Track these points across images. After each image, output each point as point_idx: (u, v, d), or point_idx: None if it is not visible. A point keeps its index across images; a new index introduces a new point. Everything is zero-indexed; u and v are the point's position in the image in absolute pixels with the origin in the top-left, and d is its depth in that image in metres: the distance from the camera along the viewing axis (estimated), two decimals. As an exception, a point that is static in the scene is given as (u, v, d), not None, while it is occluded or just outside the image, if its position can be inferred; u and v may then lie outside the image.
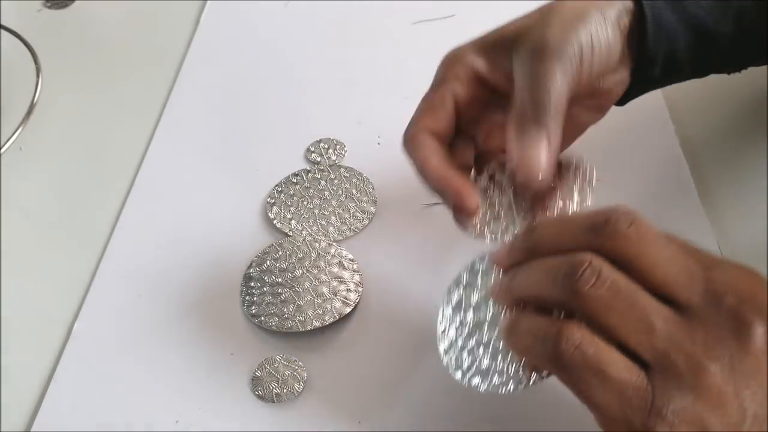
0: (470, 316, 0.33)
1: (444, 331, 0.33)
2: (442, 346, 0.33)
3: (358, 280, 0.42)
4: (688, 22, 0.37)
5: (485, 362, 0.31)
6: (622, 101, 0.39)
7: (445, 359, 0.32)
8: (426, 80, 0.55)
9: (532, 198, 0.34)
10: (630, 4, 0.36)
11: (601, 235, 0.28)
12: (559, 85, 0.33)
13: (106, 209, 0.48)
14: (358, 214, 0.46)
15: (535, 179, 0.32)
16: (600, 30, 0.35)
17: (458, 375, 0.32)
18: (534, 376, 0.30)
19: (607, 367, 0.26)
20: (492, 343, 0.32)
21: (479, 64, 0.36)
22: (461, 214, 0.34)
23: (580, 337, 0.26)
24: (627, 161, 0.46)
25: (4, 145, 0.51)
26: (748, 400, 0.26)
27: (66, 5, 0.67)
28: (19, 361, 0.41)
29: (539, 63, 0.33)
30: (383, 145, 0.51)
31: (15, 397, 0.39)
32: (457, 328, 0.33)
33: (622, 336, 0.27)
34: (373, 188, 0.48)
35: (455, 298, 0.34)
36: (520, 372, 0.30)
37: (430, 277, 0.42)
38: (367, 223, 0.46)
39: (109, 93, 0.58)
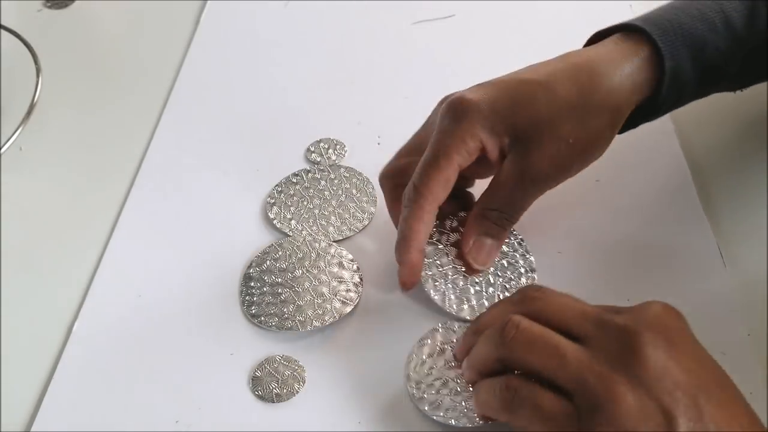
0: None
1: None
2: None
3: (358, 280, 0.42)
4: (703, 67, 0.38)
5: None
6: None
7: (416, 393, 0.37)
8: (426, 80, 0.55)
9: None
10: (648, 65, 0.37)
11: (518, 303, 0.34)
12: (532, 203, 0.39)
13: (106, 209, 0.48)
14: (358, 214, 0.46)
15: (479, 266, 0.40)
16: (607, 141, 0.38)
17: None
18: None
19: (540, 402, 0.30)
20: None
21: (488, 142, 0.37)
22: (401, 284, 0.40)
23: (516, 384, 0.31)
24: (628, 163, 0.46)
25: (4, 145, 0.51)
26: (668, 402, 0.27)
27: (66, 5, 0.67)
28: (19, 361, 0.41)
29: (525, 193, 0.38)
30: (383, 145, 0.51)
31: (15, 397, 0.39)
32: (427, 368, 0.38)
33: (544, 371, 0.30)
34: (373, 188, 0.48)
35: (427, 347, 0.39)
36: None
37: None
38: (367, 223, 0.46)
39: (109, 93, 0.58)
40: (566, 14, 0.60)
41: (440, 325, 0.39)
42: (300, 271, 0.43)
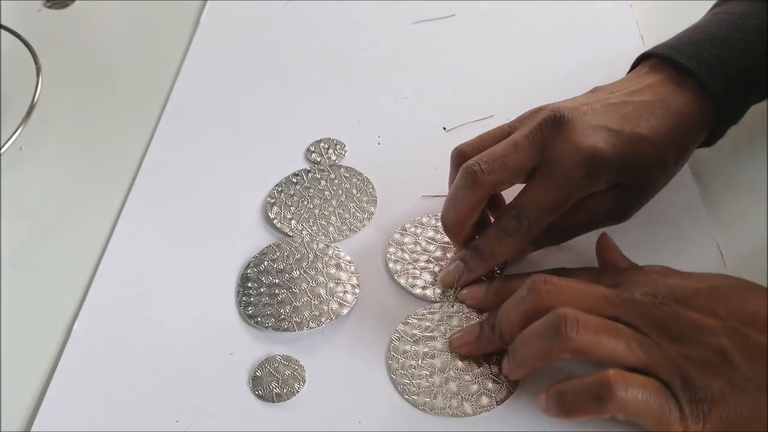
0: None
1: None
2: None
3: (356, 281, 0.42)
4: (753, 86, 0.42)
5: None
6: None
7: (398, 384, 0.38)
8: (426, 80, 0.55)
9: None
10: (710, 117, 0.41)
11: (532, 301, 0.36)
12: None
13: (106, 209, 0.48)
14: (358, 213, 0.46)
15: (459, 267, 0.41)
16: None
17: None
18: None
19: (645, 388, 0.32)
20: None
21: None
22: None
23: (616, 381, 0.32)
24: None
25: (4, 145, 0.51)
26: (716, 343, 0.32)
27: (66, 5, 0.67)
28: (19, 361, 0.41)
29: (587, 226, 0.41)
30: (383, 144, 0.51)
31: (15, 397, 0.39)
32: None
33: (614, 358, 0.33)
34: (373, 188, 0.48)
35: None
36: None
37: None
38: (367, 223, 0.46)
39: (109, 93, 0.58)
40: (566, 14, 0.60)
41: (406, 318, 0.40)
42: (297, 273, 0.43)
